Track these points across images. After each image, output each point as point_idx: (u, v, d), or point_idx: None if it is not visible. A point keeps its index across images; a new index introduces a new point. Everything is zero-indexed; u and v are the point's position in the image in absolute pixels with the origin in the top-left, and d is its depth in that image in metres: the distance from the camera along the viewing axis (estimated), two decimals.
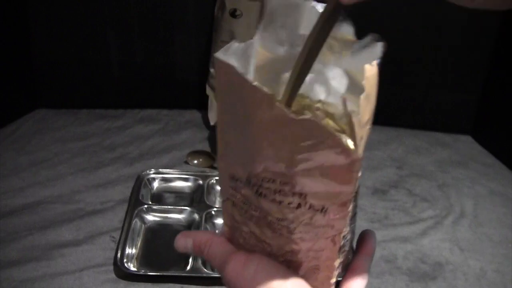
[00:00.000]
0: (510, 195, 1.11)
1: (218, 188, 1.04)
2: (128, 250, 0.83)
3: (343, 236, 0.37)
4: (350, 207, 0.35)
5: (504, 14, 1.25)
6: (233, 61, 0.32)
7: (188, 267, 0.80)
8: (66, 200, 0.98)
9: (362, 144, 0.32)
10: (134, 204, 0.94)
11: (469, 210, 1.04)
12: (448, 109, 1.39)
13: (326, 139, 0.31)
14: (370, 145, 0.62)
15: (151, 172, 1.05)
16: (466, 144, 1.36)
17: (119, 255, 0.81)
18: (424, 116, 1.40)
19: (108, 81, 1.38)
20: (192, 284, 0.78)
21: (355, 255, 0.41)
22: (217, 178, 1.04)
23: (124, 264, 0.80)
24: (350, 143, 0.31)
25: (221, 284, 0.83)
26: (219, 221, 0.93)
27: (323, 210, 0.35)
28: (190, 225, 0.92)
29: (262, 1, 1.21)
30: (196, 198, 1.00)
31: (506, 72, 1.27)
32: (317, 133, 0.31)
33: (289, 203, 0.35)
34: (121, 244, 0.84)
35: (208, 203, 0.96)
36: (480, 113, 1.38)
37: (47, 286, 0.77)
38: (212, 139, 1.25)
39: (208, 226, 0.90)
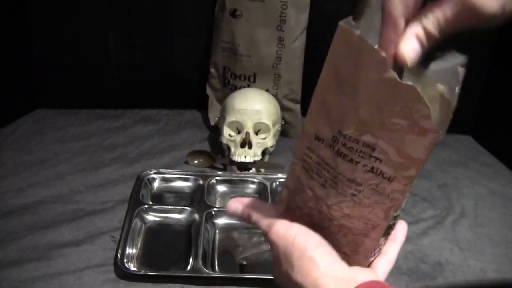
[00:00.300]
0: (510, 195, 1.11)
1: (218, 188, 1.04)
2: (128, 250, 0.83)
3: (394, 216, 0.41)
4: (410, 186, 0.39)
5: None
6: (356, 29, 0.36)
7: (188, 267, 0.80)
8: (66, 200, 0.98)
9: (444, 128, 0.37)
10: (134, 204, 0.94)
11: (469, 210, 1.04)
12: None
13: (419, 111, 0.35)
14: None
15: (151, 172, 1.05)
16: (466, 144, 1.36)
17: (119, 255, 0.81)
18: None
19: (108, 81, 1.38)
20: (192, 284, 0.78)
21: (387, 240, 0.46)
22: (217, 178, 1.05)
23: (124, 264, 0.79)
24: (436, 124, 0.35)
25: (221, 284, 0.83)
26: (219, 221, 0.93)
27: (390, 178, 0.39)
28: (190, 225, 0.92)
29: (262, 1, 1.21)
30: (196, 198, 1.00)
31: (506, 72, 1.27)
32: (413, 103, 0.35)
33: (364, 165, 0.39)
34: (121, 244, 0.84)
35: (208, 203, 0.96)
36: (480, 113, 1.38)
37: (47, 286, 0.77)
38: (212, 139, 1.25)
39: (208, 226, 0.90)
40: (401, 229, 0.47)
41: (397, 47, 0.37)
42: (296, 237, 0.43)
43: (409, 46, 0.37)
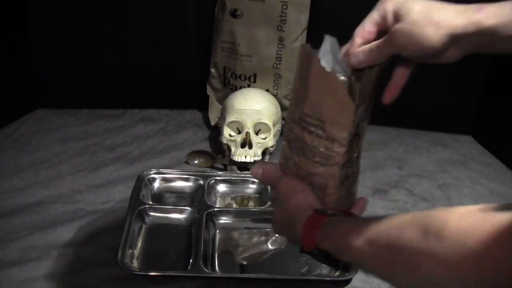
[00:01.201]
0: (510, 195, 1.11)
1: (219, 188, 1.04)
2: (129, 250, 0.83)
3: (342, 174, 0.60)
4: (346, 147, 0.57)
5: None
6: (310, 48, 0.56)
7: (188, 267, 0.80)
8: (67, 200, 0.98)
9: (359, 99, 0.54)
10: (135, 204, 0.94)
11: None
12: (448, 109, 1.39)
13: (338, 89, 0.54)
14: (370, 145, 0.62)
15: (152, 172, 1.05)
16: (466, 144, 1.36)
17: (119, 255, 0.81)
18: (424, 116, 1.40)
19: (108, 81, 1.38)
20: (192, 284, 0.78)
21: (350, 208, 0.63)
22: (217, 177, 1.04)
23: (124, 264, 0.79)
24: (351, 99, 0.54)
25: (221, 285, 0.83)
26: (220, 221, 0.93)
27: (332, 140, 0.56)
28: (190, 225, 0.91)
29: (262, 1, 1.21)
30: (197, 198, 1.00)
31: (506, 72, 1.27)
32: (334, 85, 0.54)
33: (317, 134, 0.57)
34: (122, 244, 0.83)
35: (208, 203, 0.95)
36: (480, 113, 1.38)
37: (47, 286, 0.77)
38: (212, 139, 1.25)
39: (208, 226, 0.90)
40: (360, 202, 0.63)
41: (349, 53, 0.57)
42: (294, 187, 0.61)
43: (354, 56, 0.56)
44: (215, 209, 0.94)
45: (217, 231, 0.92)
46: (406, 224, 0.43)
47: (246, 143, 1.08)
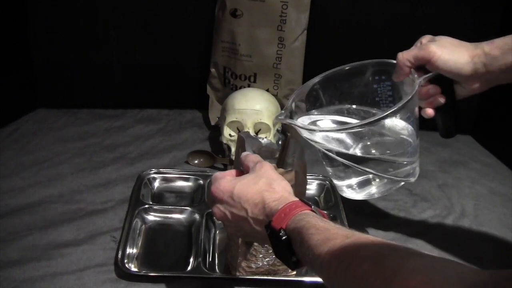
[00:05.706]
0: (510, 195, 1.11)
1: None
2: (129, 250, 0.83)
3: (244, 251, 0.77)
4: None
5: (505, 13, 1.25)
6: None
7: (188, 267, 0.81)
8: (67, 200, 0.98)
9: None
10: (135, 204, 0.94)
11: (469, 210, 1.04)
12: None
13: None
14: None
15: (152, 172, 1.05)
16: (466, 144, 1.36)
17: (119, 255, 0.81)
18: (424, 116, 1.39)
19: (109, 81, 1.38)
20: (192, 284, 0.78)
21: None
22: None
23: (124, 264, 0.80)
24: None
25: (221, 285, 0.83)
26: (220, 221, 0.93)
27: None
28: (191, 225, 0.92)
29: (262, 1, 1.21)
30: (197, 198, 1.00)
31: None
32: None
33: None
34: (122, 244, 0.84)
35: None
36: (480, 113, 1.37)
37: (48, 286, 0.77)
38: (212, 139, 1.25)
39: (208, 226, 0.90)
40: None
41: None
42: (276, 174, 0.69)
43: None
44: None
45: (217, 231, 0.92)
46: (367, 254, 0.46)
47: None
